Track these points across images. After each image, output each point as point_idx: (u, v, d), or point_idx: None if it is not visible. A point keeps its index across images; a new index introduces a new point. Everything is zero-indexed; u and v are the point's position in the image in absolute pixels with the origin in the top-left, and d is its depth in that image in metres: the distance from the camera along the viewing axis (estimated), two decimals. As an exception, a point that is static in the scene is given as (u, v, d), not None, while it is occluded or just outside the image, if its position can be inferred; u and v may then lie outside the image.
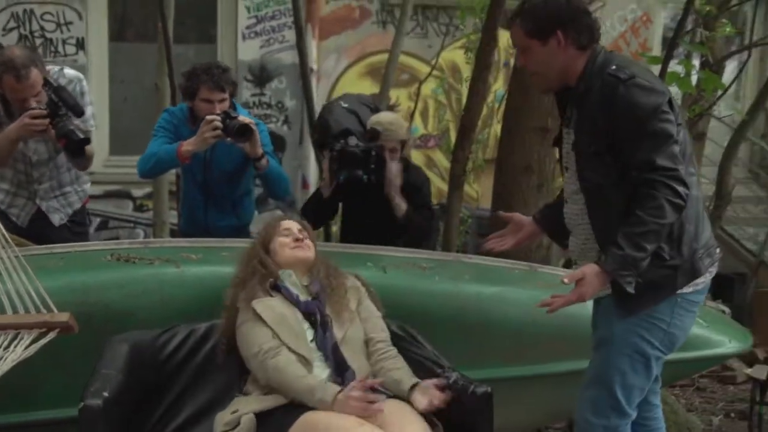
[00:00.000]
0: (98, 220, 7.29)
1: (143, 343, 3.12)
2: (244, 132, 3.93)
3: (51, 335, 2.63)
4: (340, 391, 2.77)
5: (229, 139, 3.97)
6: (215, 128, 3.90)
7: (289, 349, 2.99)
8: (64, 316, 2.67)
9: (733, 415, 5.54)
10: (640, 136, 2.70)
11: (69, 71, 4.26)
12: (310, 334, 3.09)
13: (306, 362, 2.99)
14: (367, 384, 2.78)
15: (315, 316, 3.11)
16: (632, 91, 2.71)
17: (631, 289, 2.72)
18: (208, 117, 3.94)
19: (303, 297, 3.18)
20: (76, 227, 4.44)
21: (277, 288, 3.17)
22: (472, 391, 2.94)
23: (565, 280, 2.81)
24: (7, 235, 3.00)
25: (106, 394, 2.70)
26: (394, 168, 4.06)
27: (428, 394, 2.90)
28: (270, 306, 3.08)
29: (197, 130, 4.00)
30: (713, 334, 3.87)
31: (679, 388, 5.75)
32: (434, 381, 2.93)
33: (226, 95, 4.14)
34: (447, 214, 4.85)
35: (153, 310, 3.27)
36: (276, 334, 3.01)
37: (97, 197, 7.39)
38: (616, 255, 2.70)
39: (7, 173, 4.19)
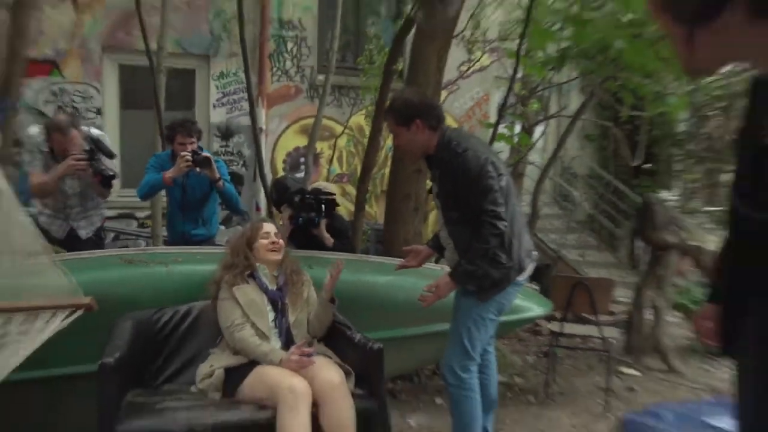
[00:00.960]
0: (112, 234, 7.10)
1: (142, 319, 3.11)
2: (206, 163, 4.05)
3: (79, 312, 2.59)
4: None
5: (197, 168, 4.07)
6: (187, 160, 4.01)
7: (253, 325, 2.98)
8: (87, 299, 2.62)
9: (540, 355, 5.71)
10: (473, 190, 2.89)
11: (94, 130, 4.31)
12: (271, 315, 3.07)
13: (264, 336, 2.99)
14: (304, 351, 2.82)
15: (277, 303, 3.10)
16: (465, 160, 2.89)
17: (472, 288, 3.01)
18: (182, 153, 4.05)
19: (271, 286, 3.14)
20: (97, 240, 4.39)
21: (253, 276, 3.14)
22: (369, 346, 3.00)
23: (424, 289, 3.07)
24: (48, 245, 2.95)
25: (117, 354, 2.68)
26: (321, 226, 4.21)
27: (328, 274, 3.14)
28: (245, 292, 3.06)
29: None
30: (528, 303, 4.02)
31: (507, 339, 5.88)
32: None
33: (194, 139, 4.23)
34: (354, 227, 4.88)
35: (149, 297, 3.23)
36: (245, 314, 3.00)
37: (111, 218, 7.21)
38: (459, 269, 2.99)
39: (48, 202, 4.16)
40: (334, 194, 4.37)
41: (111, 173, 4.06)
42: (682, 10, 0.65)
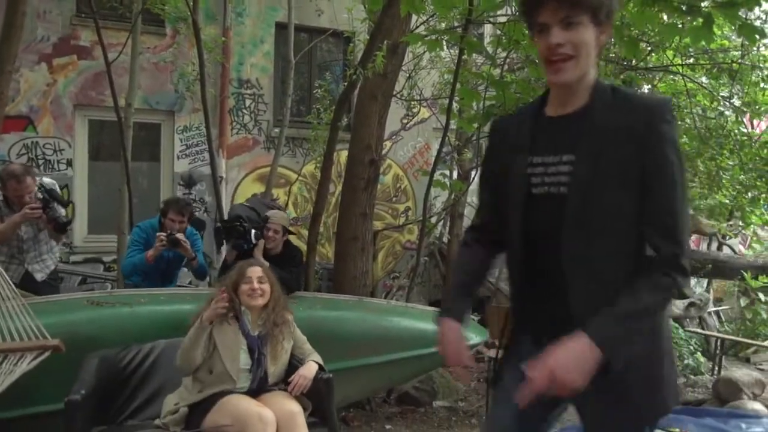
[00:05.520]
0: (79, 278, 6.94)
1: (108, 357, 3.06)
2: (175, 244, 4.06)
3: (47, 354, 2.56)
4: None
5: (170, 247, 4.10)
6: (161, 241, 4.02)
7: (221, 364, 2.86)
8: (55, 341, 2.60)
9: (481, 380, 5.68)
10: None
11: (45, 179, 4.19)
12: (246, 359, 2.92)
13: (229, 377, 2.86)
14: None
15: (255, 351, 2.95)
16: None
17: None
18: (159, 235, 4.07)
19: (253, 332, 2.99)
20: (52, 282, 4.28)
21: (237, 318, 3.00)
22: (320, 377, 3.02)
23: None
24: (16, 290, 2.90)
25: (83, 391, 2.64)
26: (260, 245, 4.05)
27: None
28: (224, 332, 2.93)
29: None
30: (468, 333, 4.01)
31: (452, 367, 5.86)
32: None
33: (185, 218, 4.23)
34: (306, 267, 4.88)
35: (115, 336, 3.18)
36: (216, 350, 2.87)
37: (79, 262, 7.06)
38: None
39: (2, 248, 4.00)
40: (276, 225, 4.18)
41: (65, 220, 4.00)
42: None
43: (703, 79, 7.32)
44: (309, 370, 3.02)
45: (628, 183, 1.40)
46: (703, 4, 2.72)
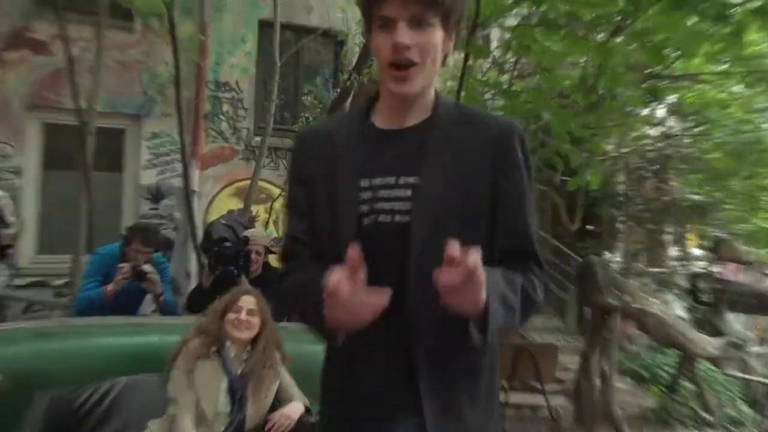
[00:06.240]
0: (23, 304, 6.88)
1: (60, 397, 2.98)
2: (140, 277, 3.98)
3: (-14, 394, 2.53)
4: None
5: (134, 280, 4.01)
6: (124, 273, 3.93)
7: (198, 405, 2.83)
8: (-3, 378, 2.58)
9: None
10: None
11: None
12: (226, 401, 2.89)
13: (205, 419, 2.84)
14: None
15: (237, 394, 2.92)
16: None
17: None
18: (121, 266, 3.97)
19: (237, 369, 2.96)
20: None
21: (219, 353, 2.96)
22: (305, 420, 3.00)
23: None
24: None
25: (31, 437, 2.62)
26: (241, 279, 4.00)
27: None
28: (204, 369, 2.90)
29: None
30: None
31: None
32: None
33: (151, 249, 4.15)
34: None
35: (67, 372, 3.12)
36: (196, 394, 2.85)
37: (22, 287, 7.00)
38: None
39: None
40: (259, 246, 4.23)
41: (6, 243, 4.00)
42: None
43: (737, 89, 7.40)
44: (293, 410, 3.02)
45: (478, 203, 1.39)
46: (732, 11, 2.78)
